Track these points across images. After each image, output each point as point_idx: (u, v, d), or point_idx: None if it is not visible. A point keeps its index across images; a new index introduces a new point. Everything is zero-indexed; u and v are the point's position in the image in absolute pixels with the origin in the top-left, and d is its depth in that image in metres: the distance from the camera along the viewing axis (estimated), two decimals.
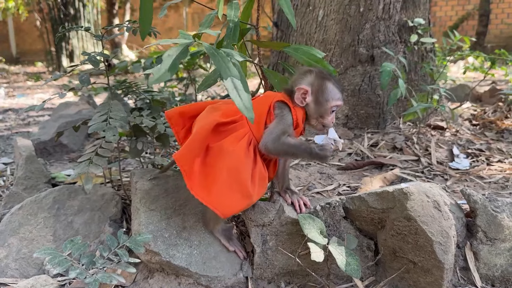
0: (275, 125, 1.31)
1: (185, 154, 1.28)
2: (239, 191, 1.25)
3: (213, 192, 1.26)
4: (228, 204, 1.25)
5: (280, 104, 1.35)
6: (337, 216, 1.42)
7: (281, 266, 1.42)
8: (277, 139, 1.28)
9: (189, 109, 1.45)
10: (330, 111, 1.35)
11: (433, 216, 1.26)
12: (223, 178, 1.26)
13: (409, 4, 2.49)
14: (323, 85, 1.34)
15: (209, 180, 1.28)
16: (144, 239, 1.10)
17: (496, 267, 1.37)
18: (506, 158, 2.20)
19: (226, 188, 1.25)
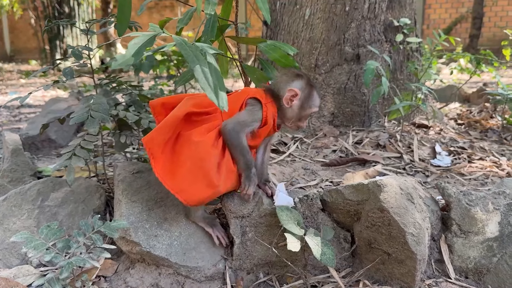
0: (243, 114, 1.37)
1: (153, 137, 1.32)
2: (203, 181, 1.27)
3: (177, 178, 1.29)
4: (192, 192, 1.28)
5: (252, 100, 1.40)
6: (314, 208, 1.45)
7: (260, 257, 1.44)
8: (237, 129, 1.33)
9: (171, 100, 1.47)
10: (307, 116, 1.45)
11: (406, 208, 1.29)
12: (186, 167, 1.29)
13: (395, 4, 2.53)
14: (311, 92, 1.42)
15: (173, 167, 1.31)
16: (118, 225, 1.12)
17: (470, 259, 1.41)
18: (488, 156, 2.24)
19: (190, 177, 1.28)
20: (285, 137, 2.48)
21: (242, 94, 1.42)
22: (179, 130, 1.35)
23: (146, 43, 1.01)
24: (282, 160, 2.22)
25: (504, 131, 2.67)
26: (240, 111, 1.38)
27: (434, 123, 2.60)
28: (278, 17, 2.68)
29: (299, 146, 2.37)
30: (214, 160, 1.29)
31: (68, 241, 1.07)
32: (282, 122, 1.46)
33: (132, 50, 0.98)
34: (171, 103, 1.47)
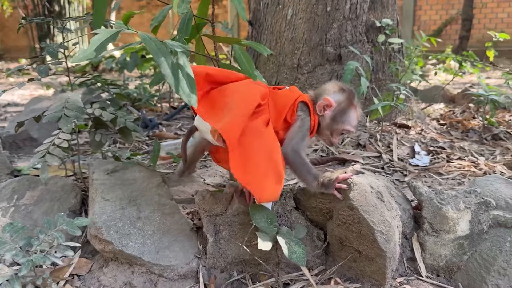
0: (298, 130, 1.33)
1: (232, 129, 1.21)
2: (274, 175, 1.21)
3: (249, 172, 1.20)
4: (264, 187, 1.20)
5: (303, 105, 1.37)
6: (288, 207, 1.46)
7: (233, 255, 1.45)
8: (297, 149, 1.30)
9: (216, 74, 1.38)
10: (339, 132, 1.40)
11: (375, 206, 1.30)
12: (258, 159, 1.21)
13: (377, 5, 2.54)
14: (348, 109, 1.38)
15: (243, 160, 1.22)
16: (80, 223, 1.12)
17: (441, 257, 1.42)
18: (467, 156, 2.26)
19: (263, 170, 1.21)
20: None
21: (291, 92, 1.39)
22: None
23: (109, 38, 1.01)
24: None
25: (485, 132, 2.70)
26: (293, 126, 1.34)
27: (416, 123, 2.62)
28: (261, 17, 2.68)
29: None
30: (280, 154, 1.25)
31: (30, 239, 1.06)
32: (318, 132, 1.43)
33: (94, 45, 0.98)
34: (215, 77, 1.37)
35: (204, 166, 2.13)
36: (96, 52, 0.97)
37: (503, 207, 1.42)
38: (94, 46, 0.97)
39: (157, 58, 1.02)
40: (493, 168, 2.10)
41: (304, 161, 1.32)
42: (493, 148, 2.46)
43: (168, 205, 1.52)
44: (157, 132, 2.67)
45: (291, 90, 1.43)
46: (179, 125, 2.96)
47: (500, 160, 2.23)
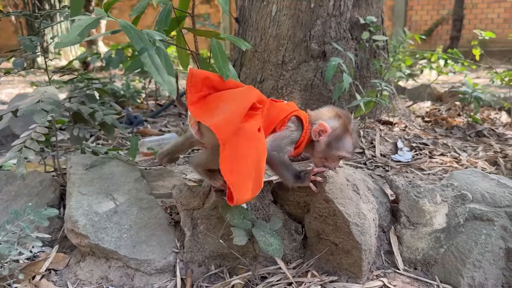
0: (283, 135, 1.33)
1: (224, 125, 1.20)
2: (255, 181, 1.20)
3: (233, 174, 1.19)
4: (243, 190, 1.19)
5: (296, 119, 1.37)
6: (266, 200, 1.46)
7: (211, 249, 1.44)
8: (279, 151, 1.31)
9: (215, 79, 1.37)
10: (336, 158, 1.38)
11: (351, 198, 1.30)
12: (248, 164, 1.20)
13: (362, 2, 2.55)
14: (342, 135, 1.36)
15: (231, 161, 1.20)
16: (48, 213, 1.11)
17: (418, 250, 1.42)
18: (449, 152, 2.28)
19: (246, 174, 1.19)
20: None
21: (288, 106, 1.39)
22: None
23: (90, 25, 1.01)
24: None
25: (469, 128, 2.72)
26: (279, 132, 1.34)
27: (400, 120, 2.63)
28: (246, 13, 2.68)
29: None
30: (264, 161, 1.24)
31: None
32: (311, 154, 1.43)
33: (76, 30, 0.98)
34: (214, 81, 1.36)
35: (187, 162, 2.13)
36: (79, 37, 0.96)
37: (479, 200, 1.43)
38: (77, 31, 0.97)
39: (137, 46, 1.02)
40: (474, 164, 2.12)
41: (281, 158, 1.32)
42: (476, 145, 2.48)
43: (146, 199, 1.51)
44: (141, 129, 2.66)
45: (288, 104, 1.43)
46: (165, 122, 2.95)
47: (482, 156, 2.25)
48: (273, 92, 2.55)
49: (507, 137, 2.67)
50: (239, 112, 1.24)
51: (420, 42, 2.73)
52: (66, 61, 7.89)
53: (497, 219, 1.39)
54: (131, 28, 1.04)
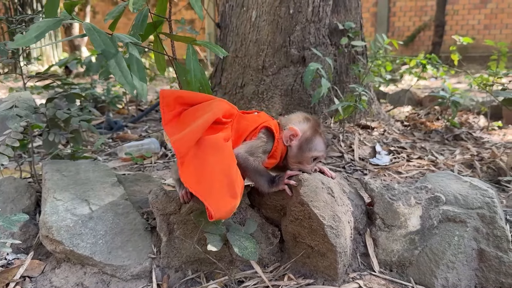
0: (255, 142, 1.35)
1: (185, 140, 1.23)
2: (228, 190, 1.20)
3: (202, 185, 1.20)
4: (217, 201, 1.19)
5: (266, 131, 1.38)
6: (243, 204, 1.46)
7: (188, 254, 1.44)
8: (249, 155, 1.32)
9: (186, 96, 1.39)
10: (310, 160, 1.39)
11: (325, 201, 1.32)
12: (214, 173, 1.21)
13: (341, 8, 2.59)
14: (313, 137, 1.38)
15: (198, 173, 1.22)
16: (18, 219, 1.10)
17: (393, 252, 1.44)
18: (427, 155, 2.31)
19: (217, 185, 1.20)
20: None
21: (258, 117, 1.41)
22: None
23: (50, 26, 1.01)
24: None
25: (447, 132, 2.77)
26: (251, 139, 1.36)
27: (379, 125, 2.67)
28: (227, 19, 2.70)
29: None
30: (237, 169, 1.25)
31: None
32: (287, 161, 1.43)
33: (34, 31, 0.97)
34: (185, 99, 1.39)
35: (166, 167, 2.12)
36: (36, 38, 0.96)
37: (453, 202, 1.46)
38: (35, 32, 0.96)
39: (99, 48, 1.02)
40: (451, 167, 2.16)
41: (254, 165, 1.33)
42: (453, 148, 2.52)
43: (122, 205, 1.50)
44: (121, 134, 2.64)
45: (259, 115, 1.44)
46: (145, 127, 2.94)
47: (459, 159, 2.29)
48: (254, 97, 2.56)
49: (484, 140, 2.73)
50: (201, 125, 1.26)
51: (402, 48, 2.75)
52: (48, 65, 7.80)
53: (470, 220, 1.41)
54: (95, 30, 1.04)
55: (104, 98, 3.18)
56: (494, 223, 1.39)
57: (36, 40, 0.95)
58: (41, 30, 0.98)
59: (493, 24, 9.82)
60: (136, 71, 1.21)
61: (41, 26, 0.99)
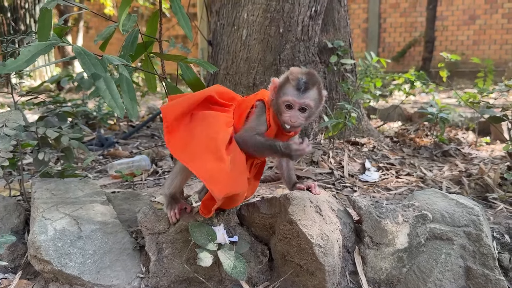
0: (250, 122, 1.37)
1: (172, 109, 1.29)
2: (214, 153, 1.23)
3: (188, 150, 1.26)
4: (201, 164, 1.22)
5: (260, 103, 1.40)
6: (232, 223, 1.47)
7: (177, 273, 1.43)
8: (248, 136, 1.34)
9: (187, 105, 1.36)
10: (283, 107, 1.32)
11: (314, 220, 1.33)
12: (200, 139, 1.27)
13: (330, 27, 2.64)
14: (286, 82, 1.33)
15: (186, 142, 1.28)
16: (6, 240, 1.10)
17: (382, 270, 1.45)
18: (415, 172, 2.34)
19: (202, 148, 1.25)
20: None
21: (255, 96, 1.44)
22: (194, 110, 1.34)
23: (41, 51, 1.02)
24: None
25: (435, 148, 2.80)
26: (248, 120, 1.38)
27: (369, 141, 2.70)
28: (218, 37, 2.73)
29: None
30: (225, 136, 1.28)
31: None
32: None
33: (25, 56, 0.99)
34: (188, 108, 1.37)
35: (157, 185, 2.12)
36: (27, 63, 0.97)
37: (439, 220, 1.47)
38: (25, 57, 0.98)
39: (89, 72, 1.03)
40: (439, 183, 2.18)
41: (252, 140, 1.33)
42: (442, 164, 2.55)
43: (111, 224, 1.50)
44: (111, 151, 2.64)
45: (257, 93, 1.46)
46: (137, 144, 2.94)
47: (448, 176, 2.31)
48: None
49: (472, 156, 2.76)
50: (192, 98, 1.33)
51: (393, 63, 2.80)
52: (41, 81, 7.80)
53: (456, 238, 1.43)
54: (85, 54, 1.06)
55: (96, 115, 3.19)
56: (480, 241, 1.41)
57: (27, 65, 0.97)
58: (32, 55, 0.99)
59: (482, 40, 9.99)
60: (126, 92, 1.22)
61: (31, 51, 1.00)
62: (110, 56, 1.18)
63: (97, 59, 1.07)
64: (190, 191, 1.99)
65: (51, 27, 1.38)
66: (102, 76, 1.03)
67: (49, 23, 1.37)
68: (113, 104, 1.05)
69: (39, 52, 1.02)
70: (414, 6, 10.60)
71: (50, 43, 1.06)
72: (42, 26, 1.35)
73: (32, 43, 1.07)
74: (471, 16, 10.00)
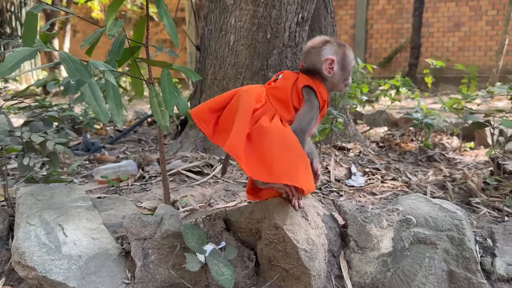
0: (307, 110, 1.38)
1: (235, 144, 1.24)
2: (302, 163, 1.25)
3: (275, 169, 1.22)
4: (300, 177, 1.24)
5: (307, 89, 1.41)
6: (217, 228, 1.47)
7: (163, 279, 1.43)
8: (308, 125, 1.37)
9: (216, 103, 1.42)
10: (348, 73, 1.49)
11: (299, 224, 1.34)
12: (279, 154, 1.24)
13: (317, 34, 2.66)
14: (344, 51, 1.45)
15: (263, 161, 1.25)
16: None
17: (367, 274, 1.47)
18: (400, 177, 2.37)
19: (288, 163, 1.23)
20: (212, 159, 2.51)
21: (287, 83, 1.42)
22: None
23: (26, 57, 1.02)
24: (205, 182, 2.24)
25: (420, 153, 2.84)
26: (302, 109, 1.39)
27: (355, 146, 2.72)
28: (206, 42, 2.74)
29: None
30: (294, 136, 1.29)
31: None
32: (331, 90, 1.51)
33: (9, 62, 0.98)
34: (217, 106, 1.41)
35: (143, 190, 2.12)
36: (10, 69, 0.97)
37: (423, 224, 1.50)
38: (9, 63, 0.97)
39: (74, 78, 1.03)
40: (424, 188, 2.21)
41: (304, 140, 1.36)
42: (427, 169, 2.59)
43: (96, 229, 1.49)
44: (98, 156, 2.63)
45: (284, 78, 1.46)
46: (123, 149, 2.93)
47: (432, 181, 2.35)
48: None
49: (456, 161, 2.81)
50: (244, 123, 1.28)
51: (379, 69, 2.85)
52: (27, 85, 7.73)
53: (440, 242, 1.46)
54: (71, 60, 1.05)
55: (82, 119, 3.16)
56: (463, 245, 1.43)
57: (10, 71, 0.96)
58: (16, 61, 0.99)
59: (467, 46, 10.17)
60: (112, 97, 1.22)
61: (16, 57, 1.00)
62: (96, 62, 1.18)
63: (82, 65, 1.07)
64: (177, 196, 1.99)
65: (37, 32, 1.38)
66: (87, 82, 1.03)
67: (35, 28, 1.37)
68: (98, 110, 1.05)
69: (24, 58, 1.01)
70: (401, 12, 10.75)
71: (35, 49, 1.06)
72: (28, 31, 1.35)
73: (17, 49, 1.06)
74: (456, 23, 10.17)
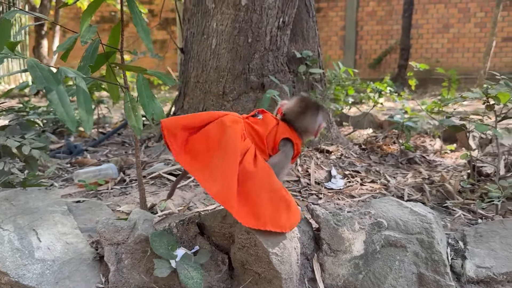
0: (281, 160, 1.49)
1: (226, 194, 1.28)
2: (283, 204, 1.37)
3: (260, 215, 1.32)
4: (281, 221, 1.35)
5: (285, 141, 1.51)
6: (191, 233, 1.49)
7: (136, 284, 1.44)
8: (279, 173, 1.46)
9: (191, 122, 1.44)
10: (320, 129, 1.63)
11: None
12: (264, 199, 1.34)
13: (299, 38, 2.69)
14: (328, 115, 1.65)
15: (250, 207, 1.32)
16: None
17: (339, 277, 1.49)
18: (380, 179, 2.39)
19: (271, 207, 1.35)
20: None
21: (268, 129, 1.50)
22: None
23: None
24: (185, 185, 2.25)
25: (401, 156, 2.87)
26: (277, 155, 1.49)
27: (337, 148, 2.75)
28: (189, 45, 2.76)
29: None
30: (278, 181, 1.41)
31: None
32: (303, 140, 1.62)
33: None
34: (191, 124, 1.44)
35: (123, 193, 2.12)
36: None
37: (394, 228, 1.52)
38: None
39: (41, 85, 1.04)
40: (402, 191, 2.24)
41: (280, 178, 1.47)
42: (406, 172, 2.62)
43: (71, 234, 1.50)
44: (79, 159, 2.63)
45: (264, 122, 1.52)
46: (106, 152, 2.93)
47: (411, 183, 2.38)
48: None
49: (437, 164, 2.84)
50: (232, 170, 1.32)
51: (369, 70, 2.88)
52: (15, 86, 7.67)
53: (410, 245, 1.48)
54: (38, 67, 1.06)
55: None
56: (432, 248, 1.46)
57: None
58: None
59: (456, 48, 10.26)
60: (83, 104, 1.23)
61: None
62: (66, 68, 1.19)
63: (50, 72, 1.08)
64: (157, 200, 2.00)
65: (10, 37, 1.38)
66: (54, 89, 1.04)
67: (8, 34, 1.37)
68: (65, 117, 1.06)
69: None
70: (390, 14, 10.82)
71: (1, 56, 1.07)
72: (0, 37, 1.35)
73: None
74: (445, 24, 10.26)
